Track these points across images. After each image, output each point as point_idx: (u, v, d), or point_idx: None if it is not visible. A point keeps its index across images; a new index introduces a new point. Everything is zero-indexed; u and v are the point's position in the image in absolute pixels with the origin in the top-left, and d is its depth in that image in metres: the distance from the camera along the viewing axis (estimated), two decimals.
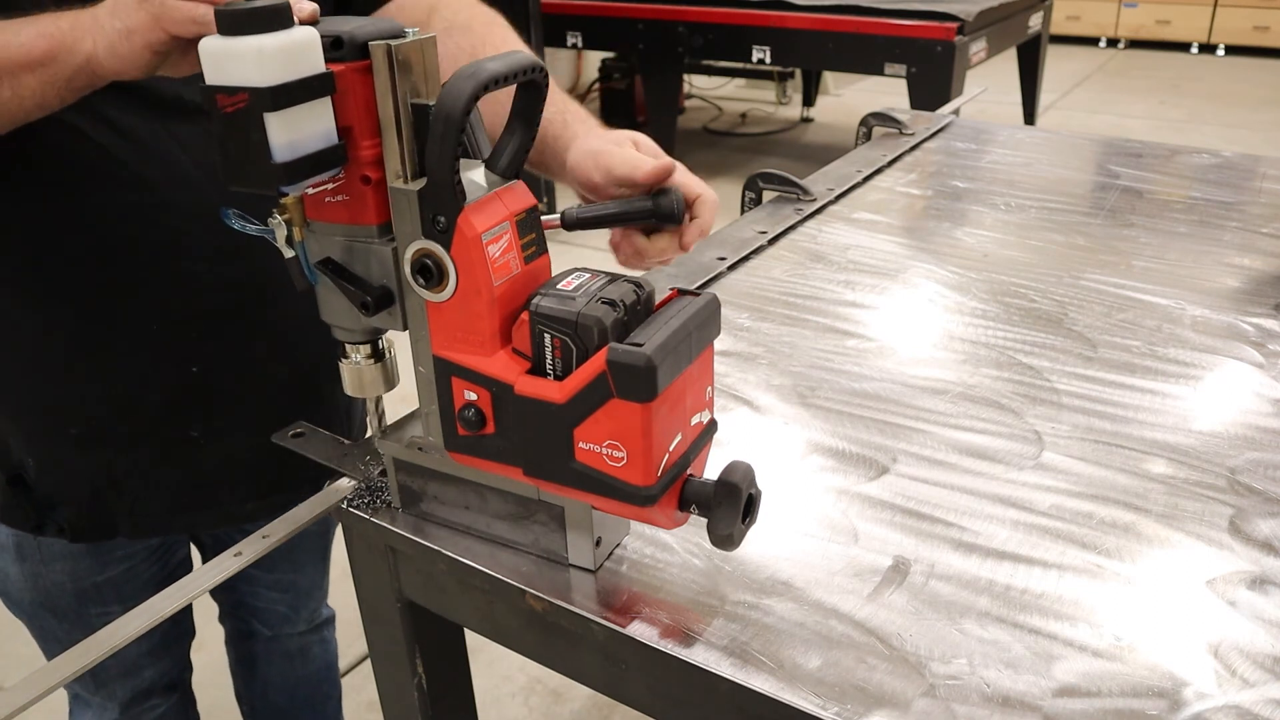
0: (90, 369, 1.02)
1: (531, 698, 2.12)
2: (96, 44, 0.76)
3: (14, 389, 1.05)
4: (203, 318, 1.03)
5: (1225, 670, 0.69)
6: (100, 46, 0.76)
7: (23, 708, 0.68)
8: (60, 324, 1.01)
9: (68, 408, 1.04)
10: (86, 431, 1.05)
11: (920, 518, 0.85)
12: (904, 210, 1.59)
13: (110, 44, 0.75)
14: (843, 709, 0.66)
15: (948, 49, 4.10)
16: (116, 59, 0.75)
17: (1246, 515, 0.85)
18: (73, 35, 0.76)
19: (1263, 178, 1.73)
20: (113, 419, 1.05)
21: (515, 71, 0.70)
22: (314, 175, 0.70)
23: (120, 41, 0.75)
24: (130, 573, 1.17)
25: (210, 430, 1.05)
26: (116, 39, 0.75)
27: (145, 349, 1.00)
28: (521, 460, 0.73)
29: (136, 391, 1.04)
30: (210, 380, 0.96)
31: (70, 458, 1.07)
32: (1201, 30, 7.97)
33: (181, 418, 1.03)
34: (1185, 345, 1.14)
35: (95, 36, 0.76)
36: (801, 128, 6.42)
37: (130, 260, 0.95)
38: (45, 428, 1.06)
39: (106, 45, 0.75)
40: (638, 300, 0.70)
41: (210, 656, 2.19)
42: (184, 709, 1.39)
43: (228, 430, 1.06)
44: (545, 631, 0.80)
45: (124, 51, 0.75)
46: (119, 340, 1.01)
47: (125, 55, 0.75)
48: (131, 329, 1.01)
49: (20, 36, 0.76)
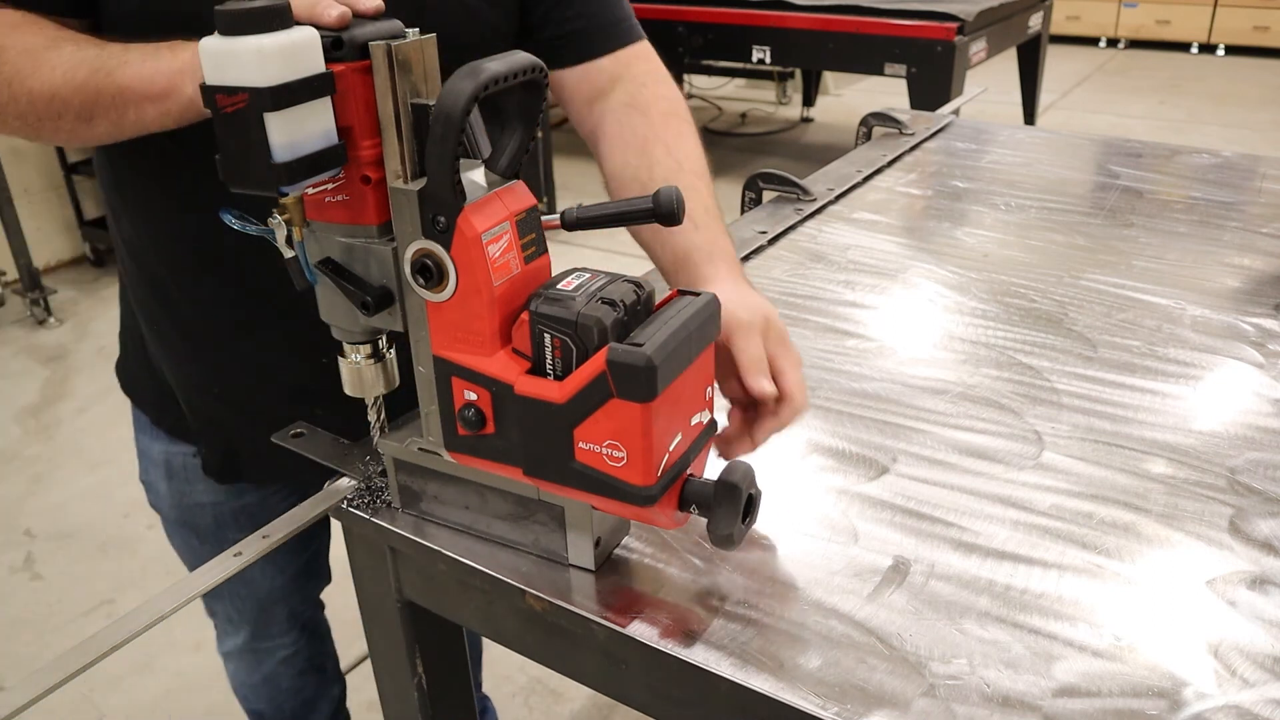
0: (236, 349, 1.10)
1: (531, 698, 2.12)
2: (196, 89, 0.80)
3: (172, 353, 1.13)
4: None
5: (1225, 670, 0.69)
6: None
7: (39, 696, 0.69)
8: (216, 309, 1.08)
9: (213, 375, 1.12)
10: (225, 395, 1.13)
11: (920, 518, 0.85)
12: (904, 210, 1.59)
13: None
14: (843, 709, 0.66)
15: (948, 49, 4.10)
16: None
17: (1246, 515, 0.85)
18: (180, 78, 0.80)
19: (1263, 178, 1.73)
20: (250, 391, 1.12)
21: (515, 71, 0.70)
22: (314, 175, 0.69)
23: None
24: (263, 504, 1.21)
25: (331, 410, 1.08)
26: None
27: (284, 336, 1.05)
28: (521, 460, 0.73)
29: (272, 371, 1.10)
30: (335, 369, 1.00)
31: (211, 408, 1.15)
32: (1201, 30, 7.97)
33: (309, 398, 1.07)
34: (1185, 345, 1.14)
35: (192, 84, 0.79)
36: (801, 128, 6.41)
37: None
38: (193, 385, 1.14)
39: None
40: (638, 300, 0.70)
41: (210, 657, 2.19)
42: (316, 639, 1.47)
43: (346, 412, 1.08)
44: (545, 631, 0.80)
45: None
46: (263, 326, 1.07)
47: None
48: (274, 318, 1.05)
49: (145, 71, 0.80)
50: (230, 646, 1.42)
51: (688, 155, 1.02)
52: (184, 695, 2.13)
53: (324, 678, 1.51)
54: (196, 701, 2.11)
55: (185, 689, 2.14)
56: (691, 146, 1.04)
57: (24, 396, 3.33)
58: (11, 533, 2.65)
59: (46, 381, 3.42)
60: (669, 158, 1.01)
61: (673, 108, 1.07)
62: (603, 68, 1.09)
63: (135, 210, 1.08)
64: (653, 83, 1.09)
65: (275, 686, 1.44)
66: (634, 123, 1.05)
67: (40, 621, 2.34)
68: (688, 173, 0.99)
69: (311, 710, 1.50)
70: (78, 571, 2.50)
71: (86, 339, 3.71)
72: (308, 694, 1.48)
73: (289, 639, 1.40)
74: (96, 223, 4.25)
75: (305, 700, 1.48)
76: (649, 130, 1.04)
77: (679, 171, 1.00)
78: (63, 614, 2.36)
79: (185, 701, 2.12)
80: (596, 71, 1.09)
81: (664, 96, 1.08)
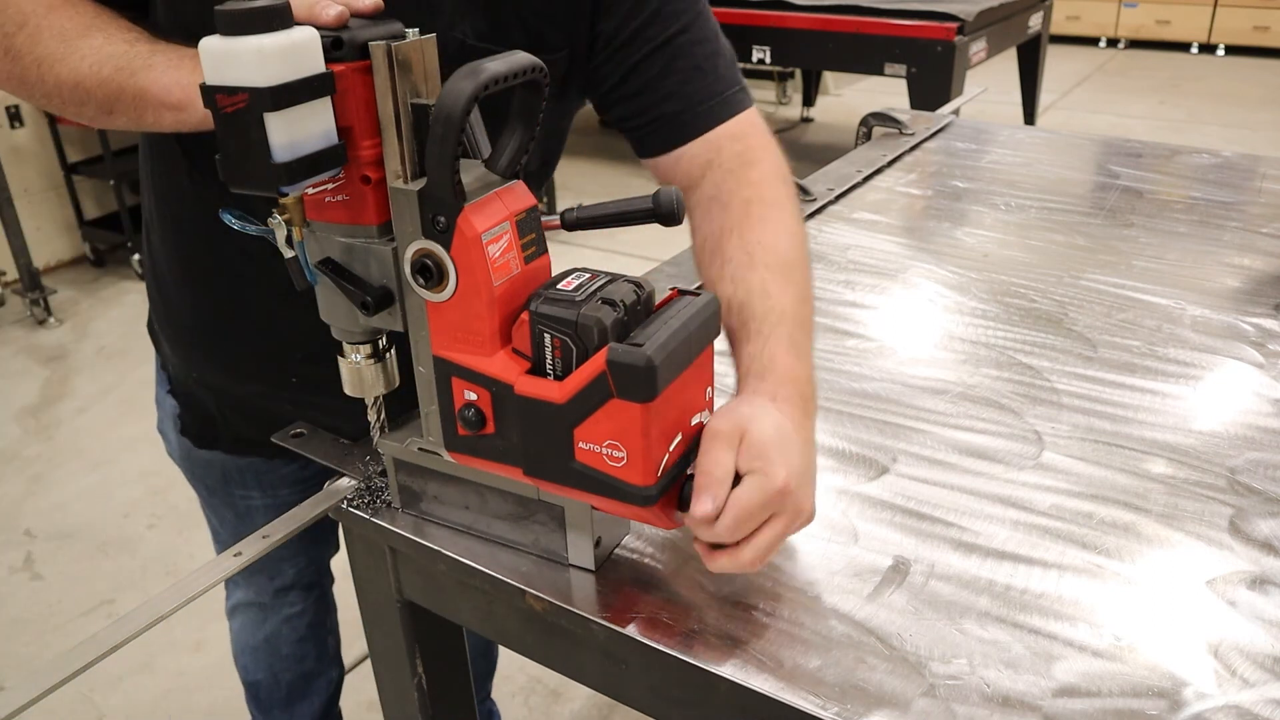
0: (222, 332, 1.11)
1: (531, 698, 2.12)
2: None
3: (171, 321, 1.15)
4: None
5: (1225, 670, 0.69)
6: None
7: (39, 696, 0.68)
8: (214, 290, 1.08)
9: (208, 348, 1.13)
10: (204, 379, 1.15)
11: (920, 518, 0.85)
12: (904, 210, 1.59)
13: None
14: (843, 709, 0.66)
15: (948, 49, 4.09)
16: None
17: (1246, 515, 0.85)
18: (192, 91, 0.80)
19: (1263, 178, 1.73)
20: (223, 380, 1.13)
21: (515, 71, 0.70)
22: (314, 175, 0.69)
23: None
24: (269, 464, 1.21)
25: (296, 405, 1.11)
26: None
27: (281, 317, 1.04)
28: (521, 460, 0.73)
29: (248, 366, 1.11)
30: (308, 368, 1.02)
31: (190, 385, 1.17)
32: (1201, 30, 7.97)
33: (284, 391, 1.09)
34: (1185, 345, 1.14)
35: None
36: (801, 128, 6.41)
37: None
38: (185, 357, 1.16)
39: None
40: (638, 300, 0.70)
41: (210, 657, 2.19)
42: (322, 606, 1.48)
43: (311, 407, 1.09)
44: (545, 631, 0.80)
45: None
46: (258, 306, 1.07)
47: None
48: (273, 299, 1.03)
49: (166, 80, 0.81)
50: (237, 600, 1.44)
51: (764, 245, 0.89)
52: (184, 695, 2.13)
53: (324, 653, 1.51)
54: (196, 701, 2.11)
55: (185, 689, 2.14)
56: (772, 234, 0.90)
57: (24, 396, 3.32)
58: (11, 533, 2.65)
59: (46, 381, 3.42)
60: (741, 252, 0.89)
61: (758, 193, 0.94)
62: (694, 154, 0.98)
63: (175, 188, 1.08)
64: (739, 167, 0.96)
65: (275, 652, 1.45)
66: (714, 216, 0.94)
67: (40, 621, 2.34)
68: (759, 265, 0.87)
69: (308, 687, 1.50)
70: (78, 571, 2.50)
71: (86, 339, 3.71)
72: (307, 666, 1.48)
73: (295, 595, 1.41)
74: (96, 223, 4.25)
75: (304, 674, 1.49)
76: (725, 222, 0.92)
77: (750, 265, 0.87)
78: (63, 614, 2.36)
79: (185, 701, 2.11)
80: (689, 159, 0.98)
81: (750, 182, 0.95)
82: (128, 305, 3.91)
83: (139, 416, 3.10)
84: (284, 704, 1.49)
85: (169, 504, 2.72)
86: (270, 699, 1.49)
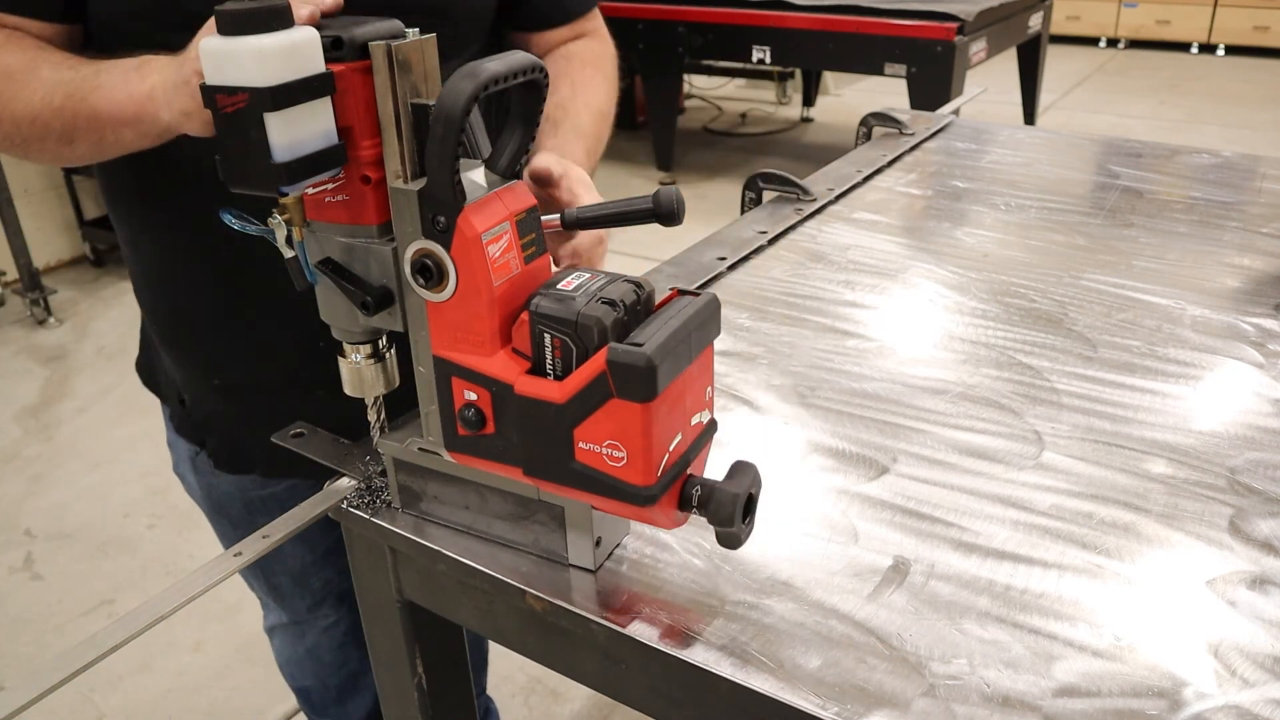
0: (233, 330, 1.13)
1: (531, 698, 2.12)
2: (171, 117, 0.83)
3: (172, 339, 1.17)
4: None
5: (1225, 670, 0.69)
6: (173, 119, 0.82)
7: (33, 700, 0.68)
8: (206, 291, 1.11)
9: (212, 362, 1.15)
10: (226, 383, 1.16)
11: (920, 518, 0.85)
12: (904, 210, 1.60)
13: (177, 121, 0.82)
14: (843, 709, 0.66)
15: (948, 49, 4.10)
16: (192, 128, 0.82)
17: (1246, 515, 0.85)
18: (151, 105, 0.83)
19: (1263, 178, 1.73)
20: (249, 376, 1.15)
21: (515, 71, 0.70)
22: (314, 175, 0.70)
23: (184, 121, 0.81)
24: (293, 490, 1.21)
25: (332, 393, 1.09)
26: (181, 119, 0.81)
27: (278, 319, 1.08)
28: (521, 460, 0.73)
29: (270, 354, 1.13)
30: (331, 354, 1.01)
31: (213, 401, 1.18)
32: (1201, 30, 7.97)
33: (308, 380, 1.08)
34: (1185, 345, 1.14)
35: (164, 111, 0.83)
36: (801, 128, 6.42)
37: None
38: (193, 375, 1.17)
39: (175, 120, 0.82)
40: (638, 300, 0.70)
41: (210, 657, 2.19)
42: (356, 614, 1.48)
43: (347, 399, 1.09)
44: (545, 631, 0.80)
45: (193, 126, 0.81)
46: (255, 310, 1.10)
47: (196, 128, 0.81)
48: (268, 301, 1.06)
49: (117, 96, 0.83)
50: (273, 621, 1.45)
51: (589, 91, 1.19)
52: (184, 695, 2.13)
53: (367, 653, 1.52)
54: (196, 701, 2.11)
55: (185, 689, 2.14)
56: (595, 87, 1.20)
57: (24, 396, 3.33)
58: (11, 533, 2.66)
59: (46, 381, 3.43)
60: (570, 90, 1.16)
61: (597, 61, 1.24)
62: (561, 35, 1.25)
63: (129, 201, 1.11)
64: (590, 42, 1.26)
65: (318, 660, 1.46)
66: (556, 65, 1.21)
67: (40, 621, 2.34)
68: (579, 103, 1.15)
69: (357, 685, 1.51)
70: (78, 571, 2.50)
71: (86, 339, 3.72)
72: (352, 666, 1.49)
73: (328, 608, 1.42)
74: (96, 223, 4.25)
75: (350, 673, 1.49)
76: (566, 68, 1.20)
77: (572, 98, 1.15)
78: (63, 614, 2.36)
79: (185, 701, 2.12)
80: (556, 36, 1.25)
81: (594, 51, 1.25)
82: (128, 305, 3.91)
83: (139, 416, 3.10)
84: (336, 702, 1.51)
85: (169, 504, 2.72)
86: (322, 701, 1.51)
